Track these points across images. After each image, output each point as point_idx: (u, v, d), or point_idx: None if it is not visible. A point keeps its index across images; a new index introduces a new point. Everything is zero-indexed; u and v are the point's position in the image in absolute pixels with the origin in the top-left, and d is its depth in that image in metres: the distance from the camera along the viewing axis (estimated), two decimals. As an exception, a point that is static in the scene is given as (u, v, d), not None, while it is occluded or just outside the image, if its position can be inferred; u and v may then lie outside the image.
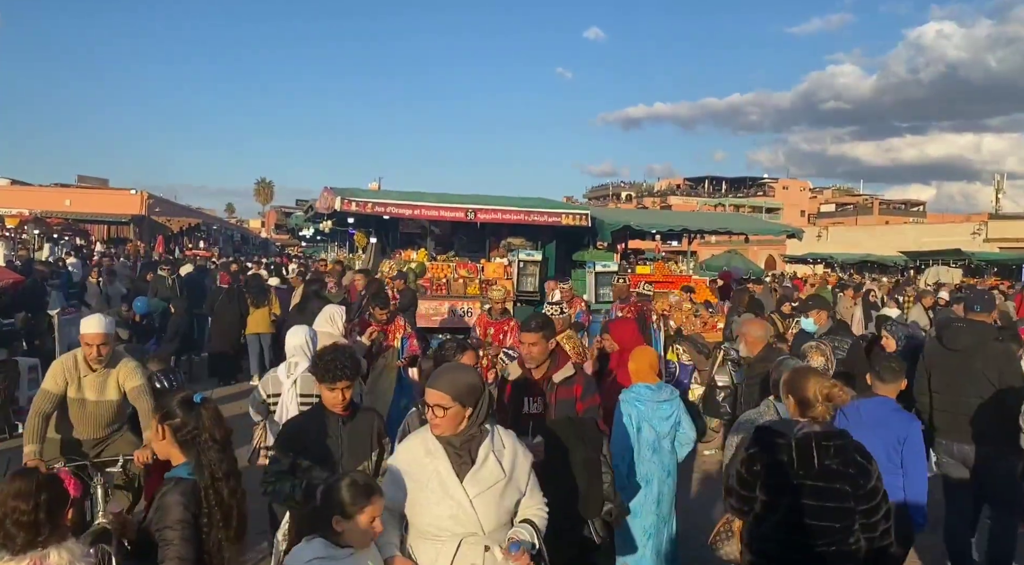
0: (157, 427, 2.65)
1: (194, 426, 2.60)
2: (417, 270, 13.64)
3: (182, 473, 2.58)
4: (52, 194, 37.00)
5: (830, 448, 2.96)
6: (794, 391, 3.11)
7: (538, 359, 4.01)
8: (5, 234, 23.91)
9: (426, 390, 2.68)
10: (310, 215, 22.01)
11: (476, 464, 2.64)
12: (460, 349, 4.16)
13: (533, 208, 13.99)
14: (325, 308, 5.93)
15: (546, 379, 4.02)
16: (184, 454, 2.62)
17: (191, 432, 2.59)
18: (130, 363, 4.65)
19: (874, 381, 4.32)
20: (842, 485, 2.91)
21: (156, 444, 2.71)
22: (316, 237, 34.60)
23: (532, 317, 4.21)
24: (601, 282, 13.39)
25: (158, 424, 2.64)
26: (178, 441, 2.62)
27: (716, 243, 37.97)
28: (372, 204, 13.42)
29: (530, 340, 3.99)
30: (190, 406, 2.65)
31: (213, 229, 48.81)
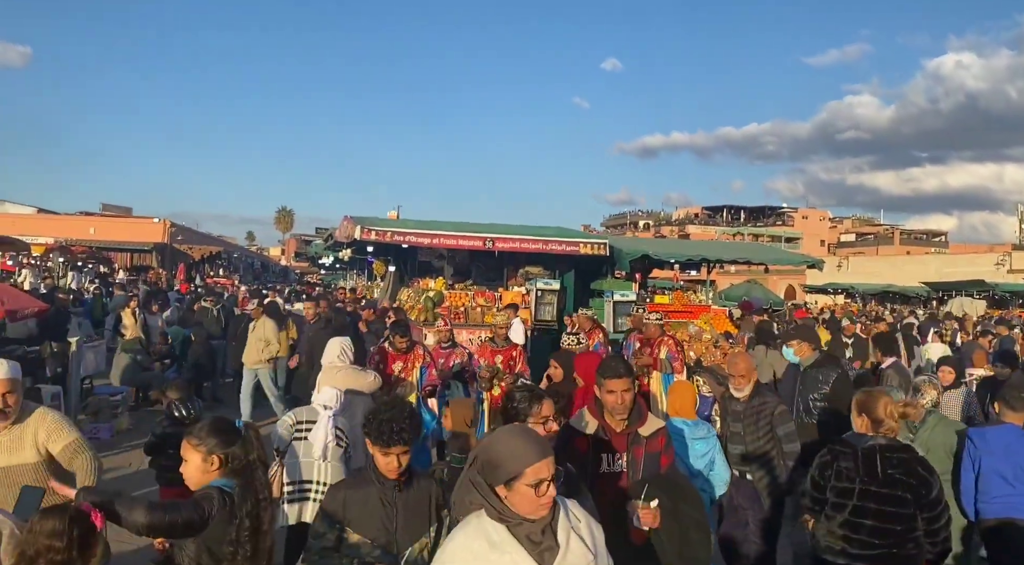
0: (206, 456, 2.67)
1: (244, 454, 2.67)
2: (435, 298, 13.66)
3: (216, 483, 2.64)
4: (77, 222, 37.68)
5: (893, 459, 3.46)
6: (867, 411, 3.62)
7: (629, 408, 3.46)
8: (32, 262, 24.29)
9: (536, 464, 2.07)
10: (330, 243, 22.18)
11: (561, 550, 2.09)
12: (535, 399, 3.32)
13: (551, 237, 13.99)
14: (333, 340, 5.72)
15: (629, 432, 3.48)
16: (222, 476, 2.67)
17: (241, 461, 2.66)
18: (49, 415, 3.69)
19: (1002, 408, 4.58)
20: (904, 493, 3.41)
21: (198, 474, 2.71)
22: (335, 265, 34.90)
23: (613, 360, 3.69)
24: (619, 311, 13.30)
25: (207, 454, 2.67)
26: (228, 471, 2.67)
27: (735, 273, 37.77)
28: (391, 233, 13.48)
29: (621, 387, 3.42)
30: (235, 433, 2.72)
31: (234, 257, 49.34)
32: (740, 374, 4.86)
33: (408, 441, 2.90)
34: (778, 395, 5.42)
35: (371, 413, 2.99)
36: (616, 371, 3.48)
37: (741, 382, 4.83)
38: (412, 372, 6.78)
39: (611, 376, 3.46)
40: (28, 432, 3.58)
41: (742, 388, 4.81)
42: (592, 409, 3.57)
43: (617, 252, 14.29)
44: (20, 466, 3.51)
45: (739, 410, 4.85)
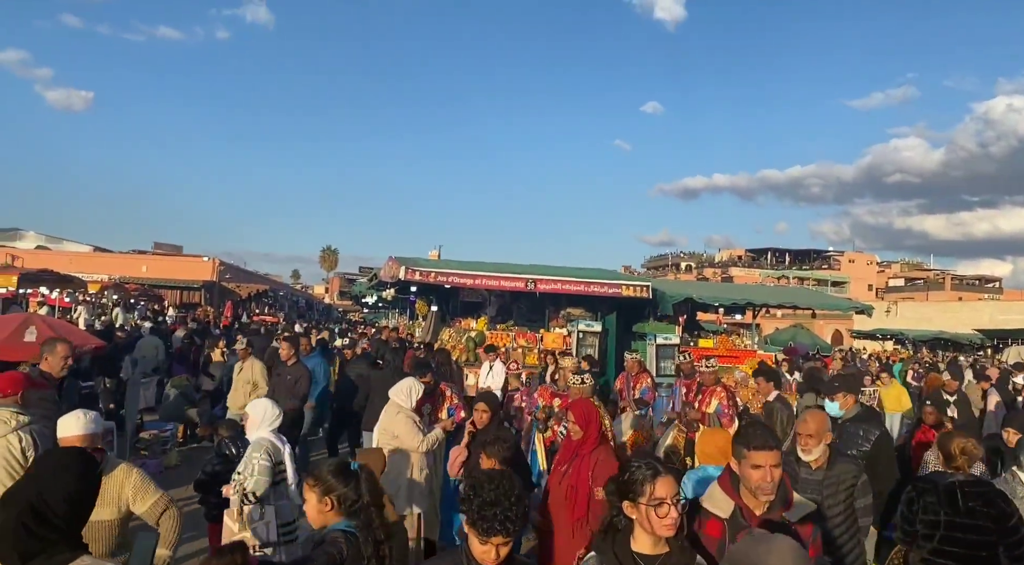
0: (321, 497, 2.79)
1: (358, 496, 2.79)
2: (476, 338, 13.70)
3: (340, 526, 2.75)
4: (130, 260, 38.89)
5: (972, 494, 3.43)
6: (942, 448, 4.31)
7: (777, 487, 2.92)
8: (87, 299, 25.08)
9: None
10: (374, 283, 22.47)
11: None
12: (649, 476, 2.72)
13: (593, 279, 13.97)
14: (403, 381, 5.92)
15: (773, 516, 2.93)
16: (341, 517, 2.79)
17: (355, 502, 2.78)
18: (134, 472, 3.67)
19: None
20: (984, 522, 3.29)
21: (315, 514, 2.83)
22: (378, 304, 35.29)
23: (758, 428, 3.12)
24: (662, 355, 13.17)
25: (322, 494, 2.79)
26: (344, 511, 2.79)
27: (781, 317, 37.10)
28: (435, 274, 13.63)
29: (770, 461, 2.89)
30: (351, 475, 2.86)
31: (280, 295, 50.23)
32: (808, 434, 4.14)
33: (513, 532, 2.48)
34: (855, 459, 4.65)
35: (472, 487, 2.54)
36: (764, 442, 2.93)
37: (809, 443, 4.13)
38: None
39: (758, 447, 2.91)
40: (112, 488, 3.53)
41: (810, 450, 4.11)
42: (726, 487, 3.02)
43: (660, 294, 14.19)
44: (99, 522, 3.41)
45: (814, 479, 4.11)
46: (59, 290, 23.73)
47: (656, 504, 2.56)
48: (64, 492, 2.00)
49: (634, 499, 2.63)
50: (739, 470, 2.96)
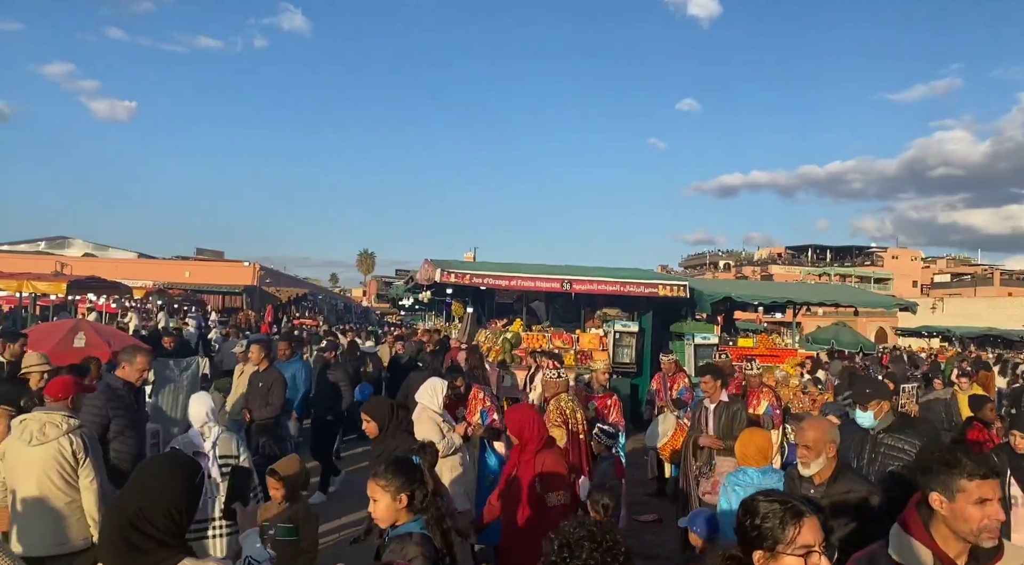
0: (395, 496, 2.86)
1: (426, 490, 2.90)
2: (512, 340, 13.71)
3: (414, 528, 2.82)
4: (173, 266, 39.79)
5: None
6: None
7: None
8: (133, 304, 25.72)
9: None
10: (410, 285, 22.66)
11: None
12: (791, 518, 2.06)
13: (629, 279, 13.88)
14: (429, 380, 5.89)
15: None
16: (413, 515, 2.88)
17: (426, 497, 2.89)
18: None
19: None
20: None
21: (388, 512, 2.89)
22: (415, 306, 35.57)
23: (968, 453, 2.38)
24: (701, 355, 13.01)
25: (396, 493, 2.86)
26: (415, 508, 2.88)
27: (823, 315, 36.44)
28: (470, 276, 13.68)
29: (998, 492, 2.29)
30: (416, 469, 2.97)
31: (319, 299, 50.90)
32: (805, 444, 3.61)
33: None
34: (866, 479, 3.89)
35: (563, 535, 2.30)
36: (988, 468, 2.28)
37: (808, 455, 3.59)
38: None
39: (983, 475, 2.24)
40: None
41: (808, 464, 3.60)
42: (918, 531, 2.34)
43: (698, 294, 14.04)
44: None
45: (814, 497, 3.47)
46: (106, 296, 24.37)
47: (803, 554, 2.00)
48: (166, 507, 2.04)
49: (771, 547, 2.04)
50: (946, 507, 2.27)
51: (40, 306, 21.77)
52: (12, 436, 4.08)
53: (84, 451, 4.02)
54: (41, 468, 3.97)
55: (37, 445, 3.96)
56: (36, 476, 3.97)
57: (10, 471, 4.06)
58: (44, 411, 4.16)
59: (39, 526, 3.98)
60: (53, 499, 3.98)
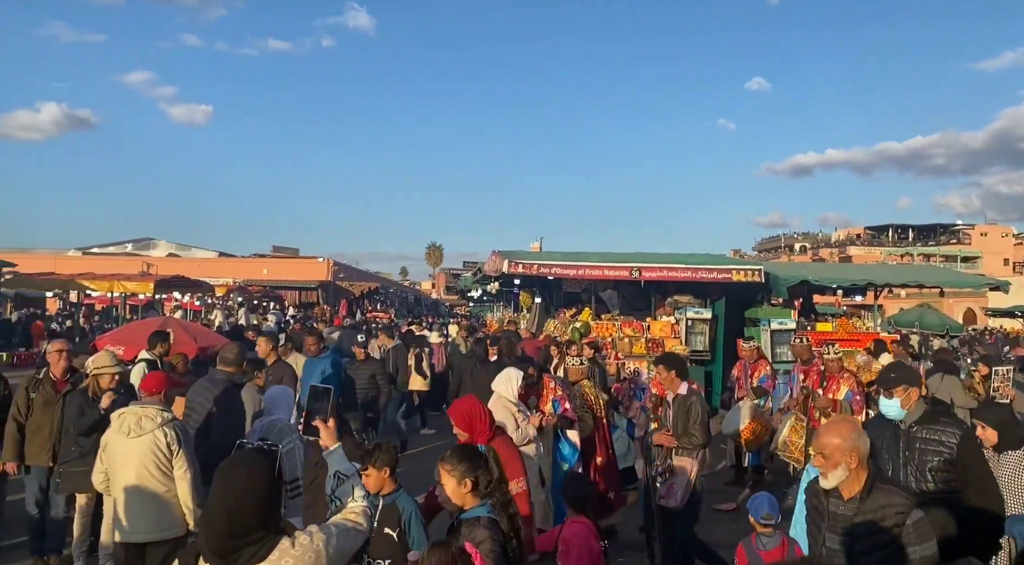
0: (460, 480, 2.97)
1: (490, 476, 2.99)
2: (582, 329, 13.67)
3: (481, 512, 2.93)
4: (252, 264, 41.25)
5: None
6: None
7: None
8: (216, 302, 26.82)
9: None
10: (478, 277, 22.85)
11: None
12: None
13: (700, 265, 13.63)
14: (505, 369, 5.97)
15: None
16: (479, 499, 2.98)
17: (491, 482, 2.98)
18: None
19: None
20: None
21: (455, 496, 3.00)
22: (483, 298, 35.88)
23: None
24: (778, 340, 12.68)
25: (461, 477, 2.98)
26: (481, 492, 2.98)
27: (906, 297, 34.98)
28: (538, 266, 13.68)
29: None
30: (481, 456, 3.07)
31: (390, 292, 51.95)
32: (820, 452, 3.09)
33: None
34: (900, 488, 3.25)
35: None
36: None
37: (825, 464, 3.06)
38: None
39: None
40: None
41: (826, 475, 3.07)
42: None
43: (773, 278, 13.67)
44: None
45: (844, 514, 3.07)
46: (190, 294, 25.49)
47: None
48: (253, 506, 2.14)
49: None
50: None
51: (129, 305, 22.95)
52: (112, 429, 4.33)
53: (177, 443, 4.23)
54: (139, 459, 4.20)
55: (135, 437, 4.19)
56: (135, 466, 4.20)
57: (111, 462, 4.31)
58: (140, 405, 4.39)
59: (139, 514, 4.21)
60: (151, 488, 4.20)
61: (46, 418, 5.74)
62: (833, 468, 3.02)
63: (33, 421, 5.77)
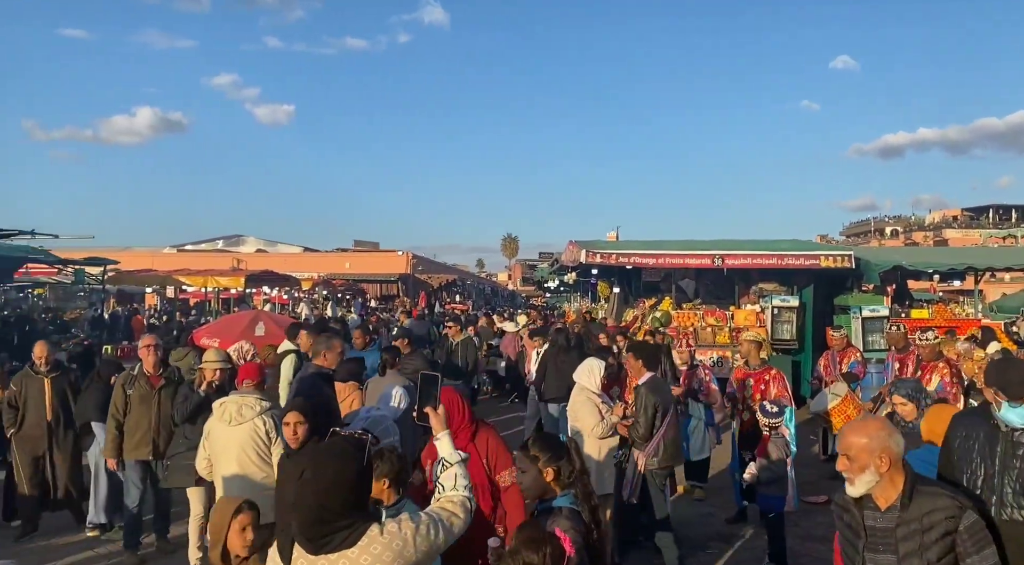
0: (542, 468, 2.95)
1: (572, 466, 2.95)
2: (662, 319, 13.46)
3: (563, 503, 2.88)
4: (335, 258, 42.33)
5: None
6: None
7: None
8: (302, 295, 27.72)
9: None
10: (555, 267, 22.82)
11: None
12: None
13: (786, 251, 13.19)
14: (587, 361, 5.94)
15: None
16: (561, 489, 2.94)
17: (572, 473, 2.93)
18: None
19: None
20: None
21: (535, 485, 2.98)
22: (560, 288, 35.82)
23: None
24: (869, 328, 12.19)
25: (543, 466, 2.95)
26: (563, 482, 2.94)
27: (1010, 281, 32.96)
28: (616, 255, 13.56)
29: None
30: (563, 446, 3.04)
31: (467, 284, 52.49)
32: (845, 453, 2.70)
33: None
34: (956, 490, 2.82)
35: None
36: None
37: (850, 469, 2.68)
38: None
39: None
40: None
41: (852, 481, 2.68)
42: None
43: (864, 263, 13.13)
44: None
45: (884, 527, 2.67)
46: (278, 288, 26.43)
47: None
48: (343, 494, 2.20)
49: None
50: None
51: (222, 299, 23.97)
52: (214, 417, 4.54)
53: (275, 430, 4.40)
54: (239, 446, 4.38)
55: (236, 425, 4.39)
56: (236, 453, 4.40)
57: (214, 449, 4.52)
58: (239, 395, 4.58)
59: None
60: (251, 474, 4.38)
61: (143, 413, 5.91)
62: (860, 472, 2.65)
63: (131, 417, 5.93)
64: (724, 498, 7.57)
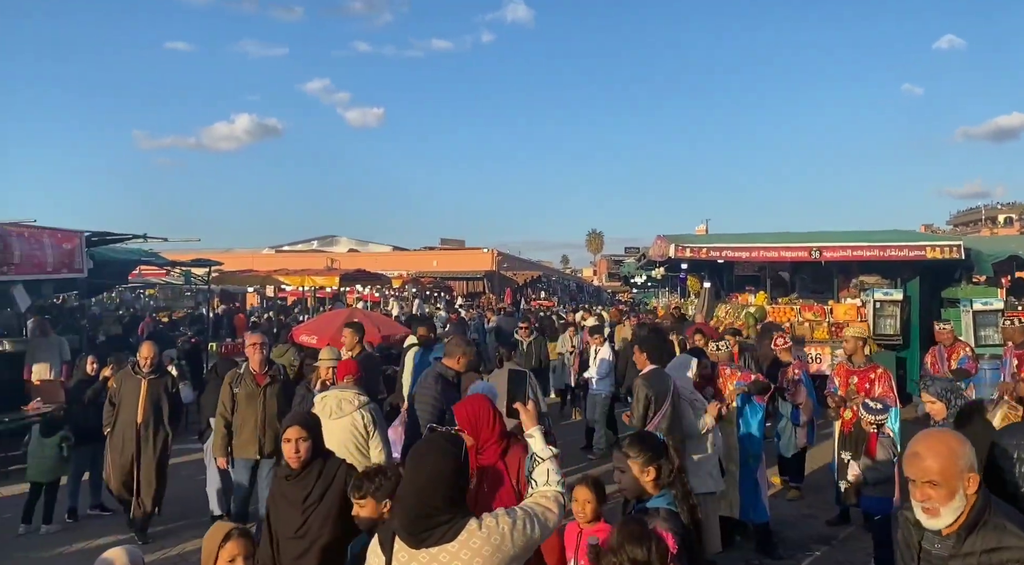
0: (642, 468, 2.89)
1: (672, 465, 2.92)
2: (756, 314, 13.08)
3: (661, 503, 2.85)
4: (423, 256, 43.22)
5: None
6: None
7: None
8: (392, 293, 28.42)
9: None
10: (642, 263, 22.52)
11: None
12: None
13: (889, 242, 12.57)
14: (679, 357, 5.92)
15: None
16: (659, 489, 2.90)
17: (671, 472, 2.91)
18: None
19: None
20: None
21: (635, 484, 2.94)
22: (647, 284, 35.34)
23: None
24: (982, 322, 11.47)
25: (643, 466, 2.89)
26: (663, 482, 2.91)
27: None
28: (707, 249, 13.27)
29: None
30: (663, 444, 3.03)
31: (552, 280, 52.50)
32: (928, 480, 2.25)
33: None
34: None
35: None
36: None
37: (935, 499, 2.24)
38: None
39: None
40: None
41: (938, 512, 2.25)
42: None
43: (975, 254, 12.35)
44: None
45: (938, 555, 2.32)
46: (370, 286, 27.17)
47: None
48: (442, 489, 2.25)
49: None
50: None
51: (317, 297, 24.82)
52: (315, 410, 4.71)
53: (373, 424, 4.53)
54: (340, 438, 4.53)
55: (336, 418, 4.54)
56: (336, 445, 4.53)
57: (316, 441, 4.68)
58: (339, 389, 4.74)
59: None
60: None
61: (250, 411, 6.03)
62: (948, 500, 2.21)
63: (238, 416, 6.07)
64: (823, 498, 7.32)
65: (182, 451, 9.35)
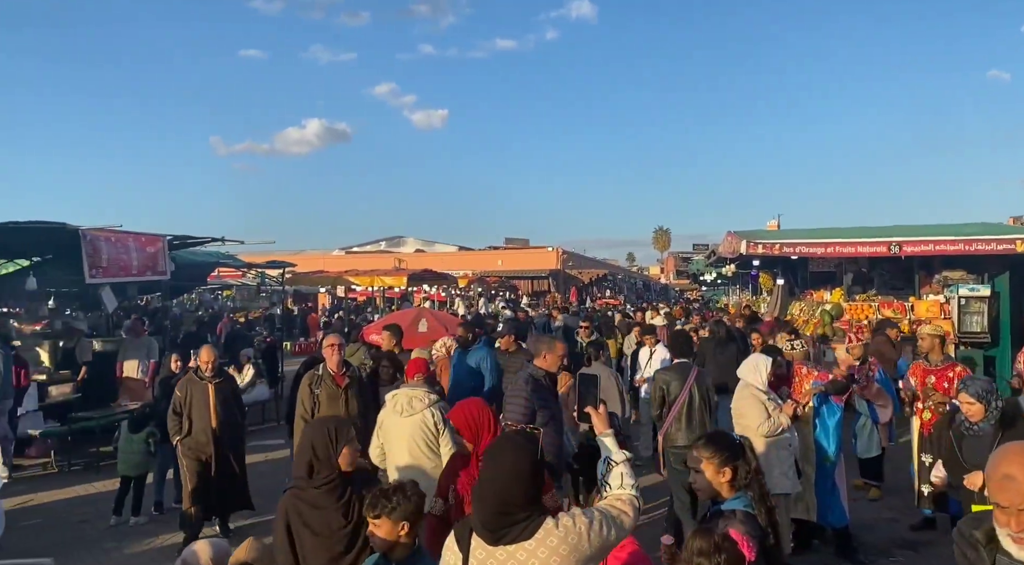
0: (718, 469, 2.85)
1: (749, 466, 2.86)
2: (832, 311, 12.67)
3: (737, 505, 2.80)
4: (487, 256, 43.48)
5: None
6: None
7: None
8: (459, 292, 28.71)
9: None
10: (712, 259, 22.10)
11: None
12: None
13: (975, 235, 11.99)
14: (752, 356, 5.74)
15: None
16: (735, 491, 2.85)
17: (748, 474, 2.85)
18: None
19: None
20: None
21: (710, 486, 2.90)
22: (717, 281, 34.65)
23: None
24: (1079, 320, 10.81)
25: (719, 466, 2.85)
26: (739, 483, 2.85)
27: None
28: (780, 245, 12.92)
29: None
30: (739, 447, 2.94)
31: (618, 278, 52.06)
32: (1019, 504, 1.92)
33: None
34: None
35: None
36: None
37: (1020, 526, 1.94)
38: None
39: None
40: None
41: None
42: None
43: (1073, 247, 11.66)
44: None
45: None
46: (436, 286, 27.52)
47: None
48: (520, 487, 2.26)
49: None
50: None
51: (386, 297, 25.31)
52: (387, 408, 4.79)
53: (443, 422, 4.56)
54: (410, 436, 4.60)
55: (407, 416, 4.60)
56: (406, 443, 4.61)
57: (387, 438, 4.77)
58: (410, 387, 4.81)
59: (411, 486, 4.61)
60: (420, 463, 4.57)
61: (333, 412, 5.91)
62: None
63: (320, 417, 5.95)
64: (905, 501, 7.02)
65: (257, 448, 9.68)
